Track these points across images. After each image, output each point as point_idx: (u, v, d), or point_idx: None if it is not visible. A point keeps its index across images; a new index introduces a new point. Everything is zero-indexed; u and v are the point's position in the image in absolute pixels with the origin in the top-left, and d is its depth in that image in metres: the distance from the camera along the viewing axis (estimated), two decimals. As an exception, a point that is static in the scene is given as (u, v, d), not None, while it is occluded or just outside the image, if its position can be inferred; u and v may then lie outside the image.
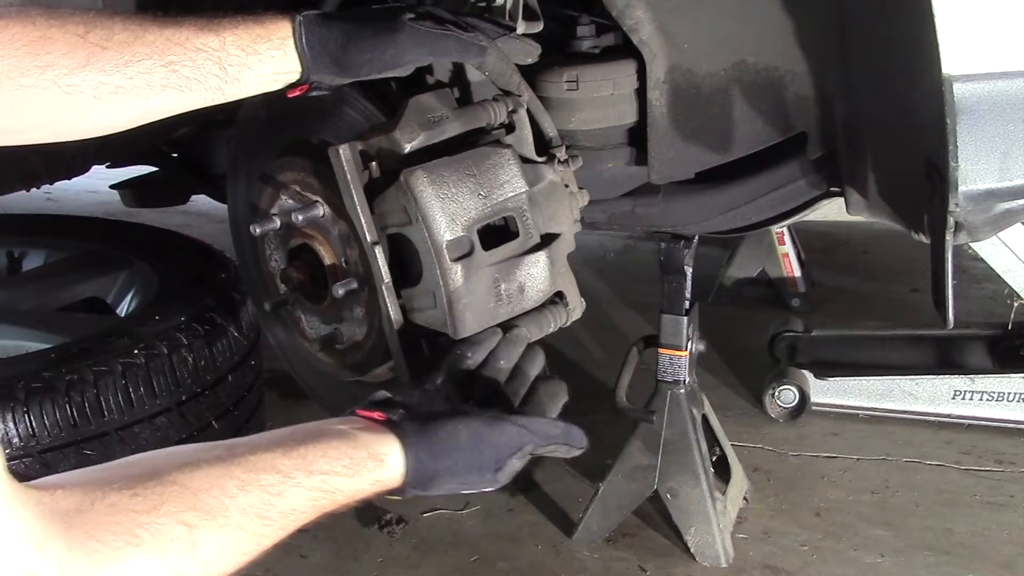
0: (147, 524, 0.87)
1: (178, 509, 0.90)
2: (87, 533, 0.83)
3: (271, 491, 0.98)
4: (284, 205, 1.62)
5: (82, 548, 0.82)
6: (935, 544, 2.25)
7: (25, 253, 2.82)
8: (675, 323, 2.13)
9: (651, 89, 1.68)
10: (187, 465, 0.94)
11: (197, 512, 0.91)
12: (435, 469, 1.11)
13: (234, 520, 0.94)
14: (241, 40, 1.18)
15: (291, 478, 1.00)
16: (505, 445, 1.15)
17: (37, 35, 1.06)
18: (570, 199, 1.55)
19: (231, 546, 0.94)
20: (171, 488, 0.91)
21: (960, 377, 2.66)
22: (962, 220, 1.32)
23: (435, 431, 1.12)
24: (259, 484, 0.97)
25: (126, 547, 0.85)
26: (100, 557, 0.83)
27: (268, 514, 0.98)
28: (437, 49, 1.30)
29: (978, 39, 1.23)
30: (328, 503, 1.04)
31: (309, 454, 1.03)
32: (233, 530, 0.94)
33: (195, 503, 0.91)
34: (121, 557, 0.84)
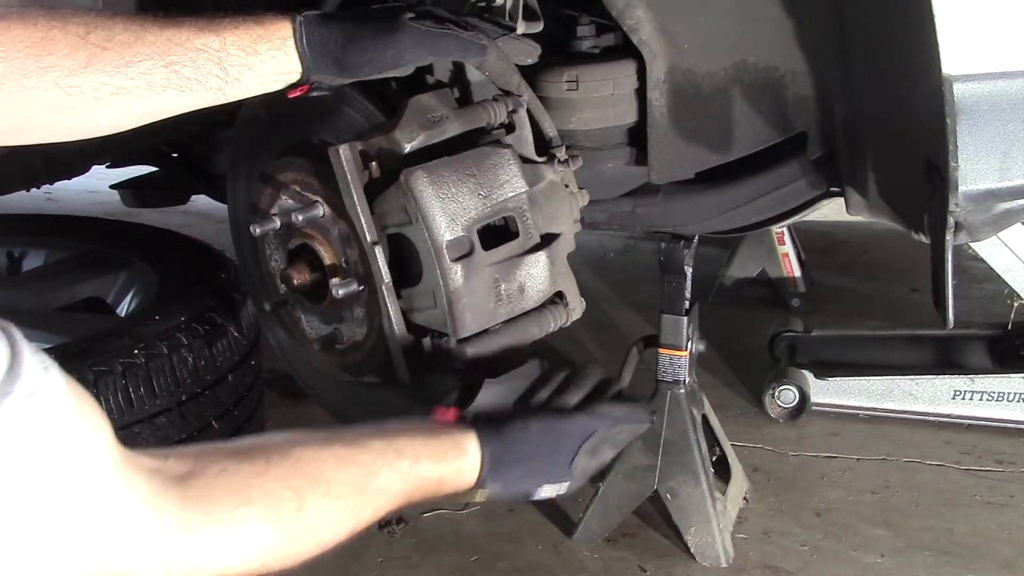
0: (258, 486, 0.91)
1: (286, 474, 0.93)
2: (202, 494, 0.86)
3: (367, 468, 1.02)
4: (284, 205, 1.62)
5: (196, 507, 0.85)
6: (935, 544, 2.25)
7: (25, 253, 2.82)
8: (675, 323, 2.13)
9: (651, 89, 1.68)
10: (288, 443, 0.99)
11: (303, 478, 0.95)
12: (511, 460, 1.16)
13: (335, 490, 0.98)
14: (242, 40, 1.18)
15: (384, 457, 1.04)
16: (575, 433, 1.21)
17: (39, 36, 1.07)
18: (570, 199, 1.55)
19: (334, 516, 0.98)
20: (276, 456, 0.95)
21: (960, 377, 2.66)
22: (962, 220, 1.32)
23: (508, 426, 1.18)
24: (356, 460, 1.01)
25: (239, 507, 0.88)
26: (215, 517, 0.86)
27: (365, 490, 1.01)
28: (437, 49, 1.31)
29: (978, 39, 1.23)
30: (415, 490, 1.08)
31: (399, 438, 1.08)
32: (335, 500, 0.98)
33: (300, 470, 0.95)
34: (235, 517, 0.88)
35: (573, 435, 1.21)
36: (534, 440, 1.19)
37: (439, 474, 1.10)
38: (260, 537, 0.90)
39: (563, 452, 1.20)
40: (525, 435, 1.18)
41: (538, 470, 1.19)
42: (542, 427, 1.20)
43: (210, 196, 2.92)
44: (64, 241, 2.81)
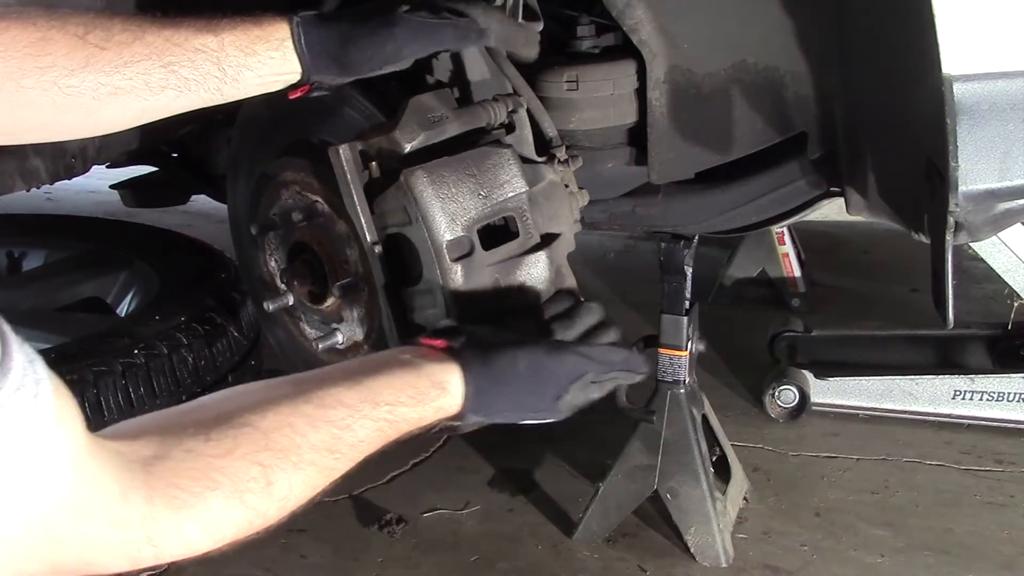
0: (223, 468, 0.90)
1: (252, 451, 0.93)
2: (167, 481, 0.86)
3: (339, 425, 1.01)
4: (284, 205, 1.62)
5: (162, 495, 0.85)
6: (935, 544, 2.25)
7: (25, 253, 2.82)
8: (675, 323, 2.12)
9: (651, 89, 1.68)
10: (257, 406, 0.97)
11: (270, 452, 0.94)
12: (495, 395, 1.14)
13: (306, 457, 0.97)
14: (240, 41, 1.18)
15: (358, 411, 1.03)
16: (565, 373, 1.19)
17: (38, 36, 1.07)
18: (570, 199, 1.55)
19: (304, 481, 0.98)
20: (243, 431, 0.93)
21: (960, 377, 2.66)
22: (962, 220, 1.32)
23: (495, 358, 1.15)
24: (327, 419, 1.00)
25: (205, 492, 0.88)
26: (180, 503, 0.86)
27: (338, 448, 1.01)
28: (435, 39, 1.31)
29: (978, 39, 1.23)
30: (393, 432, 1.07)
31: (375, 385, 1.06)
32: (305, 466, 0.97)
33: (267, 443, 0.94)
34: (201, 502, 0.87)
35: (560, 375, 1.19)
36: (521, 376, 1.16)
37: (419, 415, 1.09)
38: (227, 518, 0.90)
39: (549, 390, 1.18)
40: (512, 371, 1.15)
41: (522, 405, 1.17)
42: (530, 363, 1.17)
43: (210, 196, 2.92)
44: (64, 241, 2.81)
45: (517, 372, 1.15)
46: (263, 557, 2.24)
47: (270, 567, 2.22)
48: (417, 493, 2.48)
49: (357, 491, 2.48)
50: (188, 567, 2.20)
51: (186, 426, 0.92)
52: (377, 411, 1.04)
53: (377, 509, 2.40)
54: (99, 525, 0.81)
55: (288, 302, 1.68)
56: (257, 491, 0.92)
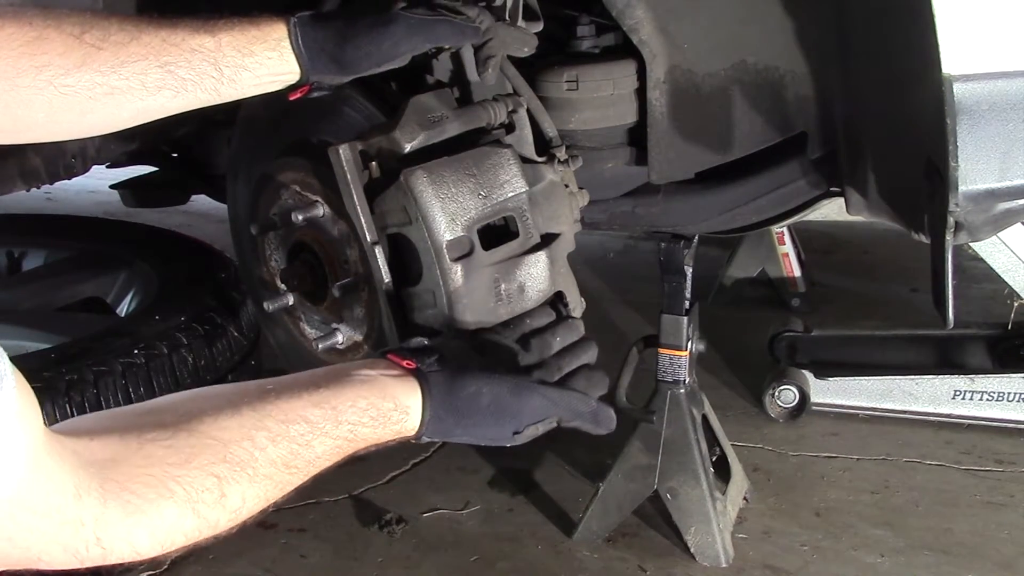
0: (179, 477, 0.90)
1: (210, 462, 0.93)
2: (121, 484, 0.86)
3: (299, 442, 1.00)
4: (284, 205, 1.62)
5: (116, 499, 0.85)
6: (935, 544, 2.25)
7: (25, 253, 2.82)
8: (675, 323, 2.12)
9: (651, 89, 1.68)
10: (220, 415, 0.97)
11: (227, 464, 0.94)
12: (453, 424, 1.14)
13: (262, 471, 0.97)
14: (237, 42, 1.18)
15: (319, 429, 1.02)
16: (528, 414, 1.18)
17: (33, 35, 1.07)
18: (570, 199, 1.55)
19: (257, 495, 0.97)
20: (203, 440, 0.93)
21: (960, 377, 2.66)
22: (962, 220, 1.32)
23: (459, 390, 1.14)
24: (288, 436, 1.00)
25: (159, 499, 0.88)
26: (133, 508, 0.86)
27: (295, 463, 1.00)
28: (432, 35, 1.31)
29: (978, 39, 1.23)
30: (349, 448, 1.07)
31: (339, 404, 1.06)
32: (261, 480, 0.97)
33: (226, 455, 0.94)
34: (154, 509, 0.87)
35: (523, 415, 1.18)
36: (482, 411, 1.15)
37: (378, 435, 1.09)
38: (177, 526, 0.90)
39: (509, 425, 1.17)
40: (474, 405, 1.14)
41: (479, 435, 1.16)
42: (494, 399, 1.15)
43: (210, 196, 2.92)
44: (64, 241, 2.81)
45: (479, 407, 1.15)
46: (263, 557, 2.24)
47: (270, 567, 2.22)
48: (417, 493, 2.48)
49: (357, 491, 2.48)
50: (188, 567, 2.21)
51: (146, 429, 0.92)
52: (338, 429, 1.04)
53: (377, 509, 2.40)
54: (50, 522, 0.81)
55: (288, 302, 1.67)
56: (210, 502, 0.92)
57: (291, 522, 2.37)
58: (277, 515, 2.39)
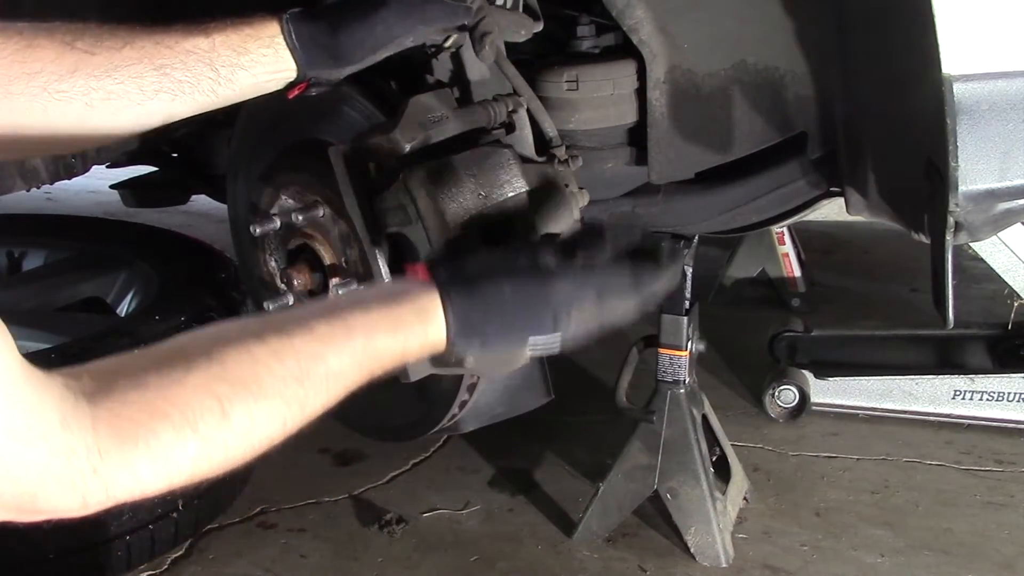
0: (174, 398, 0.86)
1: (206, 381, 0.88)
2: (113, 411, 0.83)
3: (307, 356, 0.95)
4: (284, 205, 1.62)
5: (108, 426, 0.82)
6: (935, 544, 2.25)
7: (25, 253, 2.82)
8: (675, 323, 2.12)
9: (651, 89, 1.68)
10: (218, 340, 0.93)
11: (227, 383, 0.89)
12: (482, 324, 1.07)
13: (269, 388, 0.92)
14: (231, 41, 1.18)
15: (330, 341, 0.97)
16: (558, 296, 1.10)
17: (24, 44, 1.06)
18: (570, 199, 1.55)
19: (269, 414, 0.92)
20: (198, 361, 0.89)
21: (960, 377, 2.66)
22: (962, 220, 1.32)
23: (479, 284, 1.08)
24: (294, 350, 0.95)
25: (152, 422, 0.84)
26: (128, 434, 0.83)
27: (307, 379, 0.95)
28: (425, 17, 1.30)
29: (978, 39, 1.23)
30: (374, 363, 1.01)
31: (349, 316, 1.00)
32: (269, 398, 0.92)
33: (224, 374, 0.90)
34: (149, 432, 0.84)
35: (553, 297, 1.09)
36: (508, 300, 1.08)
37: (401, 345, 1.02)
38: (179, 451, 0.86)
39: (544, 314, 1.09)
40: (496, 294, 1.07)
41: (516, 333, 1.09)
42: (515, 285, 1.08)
43: (210, 196, 2.92)
44: (64, 241, 2.81)
45: (503, 296, 1.08)
46: (263, 557, 2.24)
47: (270, 567, 2.22)
48: (417, 493, 2.48)
49: (357, 491, 2.48)
50: (188, 567, 2.21)
51: (139, 360, 0.89)
52: (352, 341, 0.98)
53: (377, 509, 2.40)
54: (38, 451, 0.78)
55: (288, 302, 1.68)
56: (213, 423, 0.87)
57: (291, 522, 2.37)
58: (277, 515, 2.39)
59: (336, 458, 2.63)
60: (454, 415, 1.96)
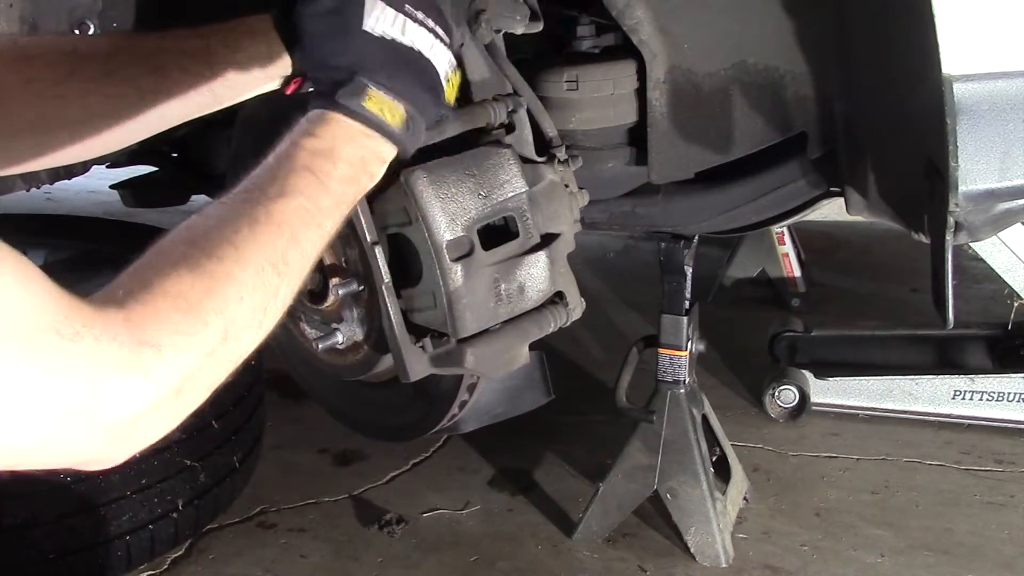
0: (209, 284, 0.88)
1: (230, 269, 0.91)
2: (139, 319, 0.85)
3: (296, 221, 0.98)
4: (284, 205, 1.62)
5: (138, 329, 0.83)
6: (935, 544, 2.25)
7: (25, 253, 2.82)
8: (675, 323, 2.13)
9: (651, 89, 1.68)
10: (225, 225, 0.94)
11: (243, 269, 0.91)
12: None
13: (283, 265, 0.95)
14: (225, 39, 1.18)
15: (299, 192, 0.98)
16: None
17: (18, 54, 1.06)
18: (570, 199, 1.55)
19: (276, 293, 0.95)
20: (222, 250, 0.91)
21: (960, 377, 2.66)
22: (962, 220, 1.32)
23: None
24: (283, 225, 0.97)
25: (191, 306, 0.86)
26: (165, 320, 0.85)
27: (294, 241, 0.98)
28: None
29: (978, 39, 1.23)
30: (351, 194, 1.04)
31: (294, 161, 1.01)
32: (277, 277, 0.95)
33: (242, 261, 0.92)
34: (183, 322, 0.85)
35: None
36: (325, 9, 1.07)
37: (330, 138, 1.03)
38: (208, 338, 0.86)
39: None
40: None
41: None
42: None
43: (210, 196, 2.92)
44: (64, 241, 2.81)
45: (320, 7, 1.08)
46: (263, 557, 2.24)
47: (270, 567, 2.22)
48: (417, 493, 2.48)
49: (357, 491, 2.48)
50: (188, 567, 2.21)
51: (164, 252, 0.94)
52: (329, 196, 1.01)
53: (377, 509, 2.40)
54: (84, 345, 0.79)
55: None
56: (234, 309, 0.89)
57: (291, 522, 2.37)
58: (277, 515, 2.39)
59: (336, 458, 2.63)
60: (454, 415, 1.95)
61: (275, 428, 2.50)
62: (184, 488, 2.10)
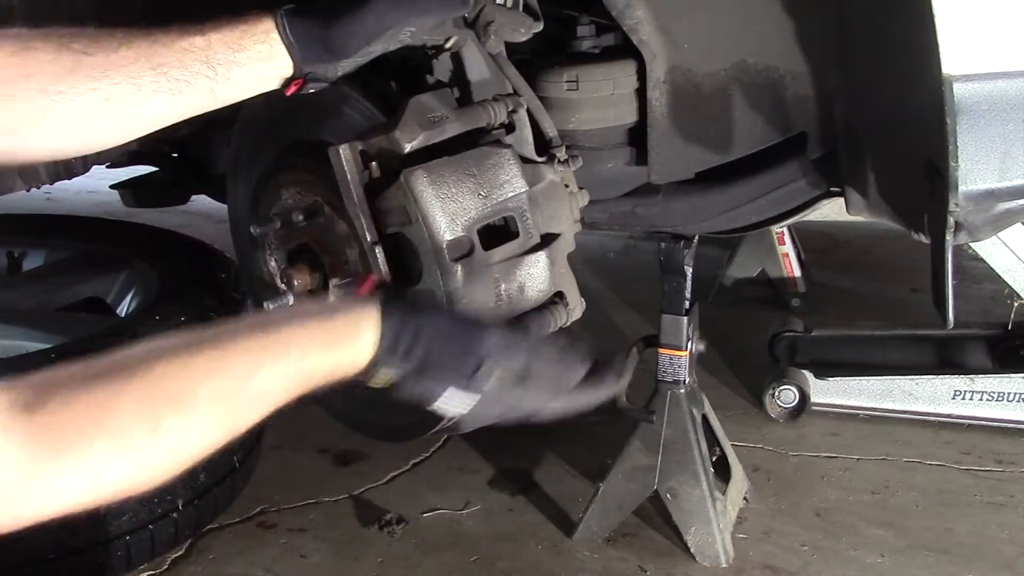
0: (108, 411, 0.86)
1: (139, 397, 0.89)
2: (47, 424, 0.83)
3: (239, 374, 0.96)
4: (284, 205, 1.62)
5: (45, 435, 0.82)
6: (935, 544, 2.25)
7: (25, 253, 2.82)
8: (675, 323, 2.12)
9: (651, 89, 1.69)
10: (151, 355, 0.93)
11: (160, 399, 0.89)
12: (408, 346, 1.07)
13: (201, 405, 0.92)
14: (227, 38, 1.18)
15: (264, 356, 0.97)
16: (489, 344, 1.10)
17: (20, 46, 1.06)
18: (570, 199, 1.55)
19: (199, 431, 0.93)
20: (133, 377, 0.90)
21: (960, 377, 2.66)
22: (962, 220, 1.32)
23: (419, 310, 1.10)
24: (226, 367, 0.95)
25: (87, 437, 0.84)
26: (64, 444, 0.83)
27: (238, 397, 0.96)
28: (417, 6, 1.28)
29: (978, 39, 1.23)
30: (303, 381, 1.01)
31: (283, 332, 1.01)
32: (200, 414, 0.92)
33: (158, 391, 0.90)
34: (84, 445, 0.84)
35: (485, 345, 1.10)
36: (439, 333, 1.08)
37: (332, 362, 1.02)
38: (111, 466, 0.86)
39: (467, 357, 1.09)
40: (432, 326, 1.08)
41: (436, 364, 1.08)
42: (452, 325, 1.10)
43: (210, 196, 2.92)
44: (64, 241, 2.81)
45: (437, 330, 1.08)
46: (263, 557, 2.24)
47: (270, 567, 2.22)
48: (417, 493, 2.48)
49: (357, 491, 2.48)
50: (188, 567, 2.21)
51: (73, 373, 0.89)
52: (285, 359, 0.98)
53: (377, 509, 2.40)
54: None
55: (288, 302, 1.67)
56: (144, 436, 0.87)
57: (291, 522, 2.37)
58: (277, 515, 2.39)
59: (336, 458, 2.63)
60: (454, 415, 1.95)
61: (275, 428, 2.49)
62: (184, 488, 2.10)
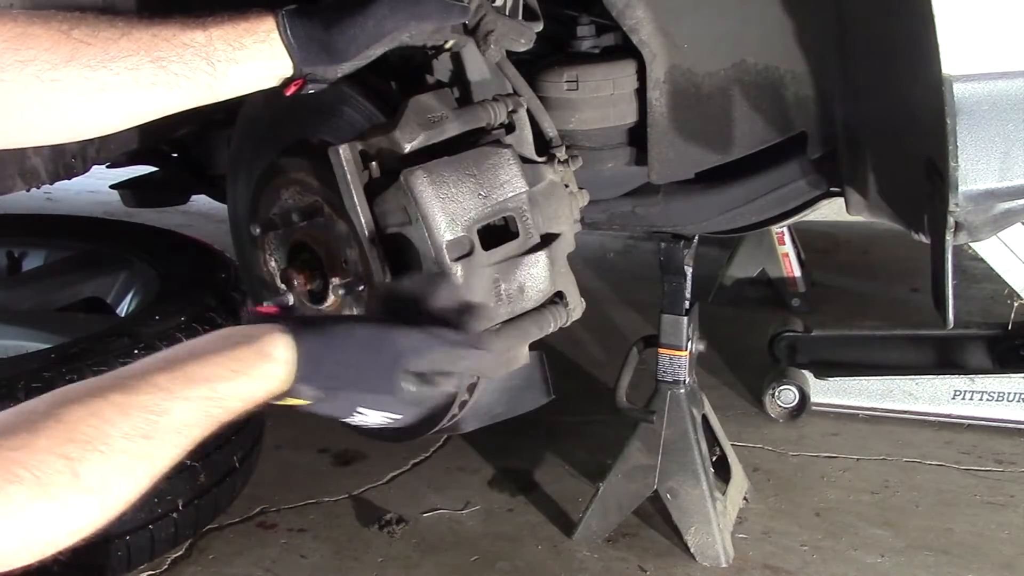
0: (23, 461, 0.85)
1: (53, 443, 0.88)
2: None
3: (153, 410, 0.95)
4: (284, 205, 1.62)
5: None
6: (935, 544, 2.25)
7: (25, 253, 2.82)
8: (675, 323, 2.13)
9: (651, 89, 1.68)
10: (62, 401, 0.93)
11: (74, 443, 0.89)
12: (327, 362, 1.07)
13: (117, 445, 0.91)
14: (228, 35, 1.18)
15: (172, 393, 0.97)
16: (406, 346, 1.11)
17: (18, 31, 1.05)
18: (570, 199, 1.55)
19: (119, 472, 0.92)
20: (44, 424, 0.89)
21: (960, 377, 2.66)
22: (962, 220, 1.32)
23: (331, 327, 1.10)
24: (138, 404, 0.95)
25: (5, 485, 0.84)
26: None
27: (154, 433, 0.95)
28: (417, 12, 1.28)
29: (978, 39, 1.23)
30: (220, 411, 1.01)
31: (190, 364, 1.01)
32: (118, 456, 0.91)
33: (71, 434, 0.89)
34: (2, 496, 0.83)
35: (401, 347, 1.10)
36: (356, 344, 1.09)
37: (246, 389, 1.02)
38: (35, 515, 0.85)
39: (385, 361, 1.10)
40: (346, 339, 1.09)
41: (357, 377, 1.09)
42: (368, 334, 1.10)
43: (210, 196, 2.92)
44: (64, 241, 2.81)
45: (353, 339, 1.09)
46: (263, 557, 2.24)
47: (270, 567, 2.22)
48: (417, 493, 2.48)
49: (357, 491, 2.48)
50: (188, 567, 2.21)
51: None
52: (196, 390, 0.98)
53: (377, 509, 2.40)
54: None
55: (288, 302, 1.67)
56: (64, 484, 0.87)
57: (291, 522, 2.37)
58: (277, 515, 2.39)
59: (336, 458, 2.63)
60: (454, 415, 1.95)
61: (275, 428, 2.49)
62: (184, 488, 2.09)
